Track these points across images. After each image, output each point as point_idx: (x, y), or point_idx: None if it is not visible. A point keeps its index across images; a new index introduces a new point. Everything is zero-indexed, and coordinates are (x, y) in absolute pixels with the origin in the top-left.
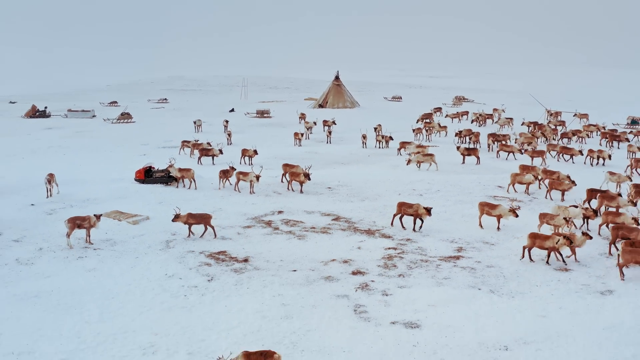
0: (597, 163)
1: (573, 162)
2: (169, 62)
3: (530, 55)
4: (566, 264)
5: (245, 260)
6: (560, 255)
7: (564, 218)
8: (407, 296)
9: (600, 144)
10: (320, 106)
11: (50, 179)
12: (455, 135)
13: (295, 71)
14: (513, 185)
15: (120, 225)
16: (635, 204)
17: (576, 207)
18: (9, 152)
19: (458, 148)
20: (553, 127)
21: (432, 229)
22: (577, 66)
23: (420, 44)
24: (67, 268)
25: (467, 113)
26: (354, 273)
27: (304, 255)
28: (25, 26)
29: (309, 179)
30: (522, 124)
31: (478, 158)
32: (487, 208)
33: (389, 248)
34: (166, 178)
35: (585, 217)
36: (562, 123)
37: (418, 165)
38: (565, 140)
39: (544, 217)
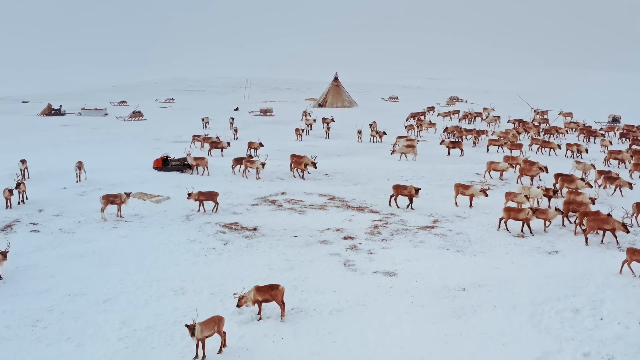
0: (575, 155)
1: (551, 155)
2: (171, 64)
3: (528, 58)
4: (524, 233)
5: (254, 229)
6: (529, 226)
7: (525, 196)
8: (388, 254)
9: (578, 139)
10: (320, 105)
11: (80, 165)
12: (444, 132)
13: (296, 73)
14: (489, 172)
15: (144, 204)
16: (591, 186)
17: (538, 187)
18: (32, 146)
19: (442, 142)
20: (537, 124)
21: (414, 206)
22: (571, 68)
23: (420, 47)
24: (104, 235)
25: (458, 112)
26: (345, 238)
27: (304, 225)
28: (29, 29)
29: (315, 167)
30: (507, 122)
31: (462, 150)
32: (461, 188)
33: (376, 220)
34: (181, 166)
35: (547, 197)
36: (546, 121)
37: (404, 155)
38: (547, 135)
39: (509, 196)
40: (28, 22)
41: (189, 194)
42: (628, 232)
